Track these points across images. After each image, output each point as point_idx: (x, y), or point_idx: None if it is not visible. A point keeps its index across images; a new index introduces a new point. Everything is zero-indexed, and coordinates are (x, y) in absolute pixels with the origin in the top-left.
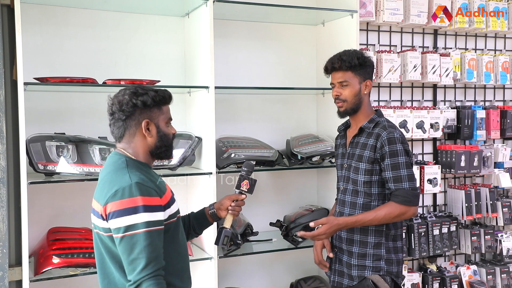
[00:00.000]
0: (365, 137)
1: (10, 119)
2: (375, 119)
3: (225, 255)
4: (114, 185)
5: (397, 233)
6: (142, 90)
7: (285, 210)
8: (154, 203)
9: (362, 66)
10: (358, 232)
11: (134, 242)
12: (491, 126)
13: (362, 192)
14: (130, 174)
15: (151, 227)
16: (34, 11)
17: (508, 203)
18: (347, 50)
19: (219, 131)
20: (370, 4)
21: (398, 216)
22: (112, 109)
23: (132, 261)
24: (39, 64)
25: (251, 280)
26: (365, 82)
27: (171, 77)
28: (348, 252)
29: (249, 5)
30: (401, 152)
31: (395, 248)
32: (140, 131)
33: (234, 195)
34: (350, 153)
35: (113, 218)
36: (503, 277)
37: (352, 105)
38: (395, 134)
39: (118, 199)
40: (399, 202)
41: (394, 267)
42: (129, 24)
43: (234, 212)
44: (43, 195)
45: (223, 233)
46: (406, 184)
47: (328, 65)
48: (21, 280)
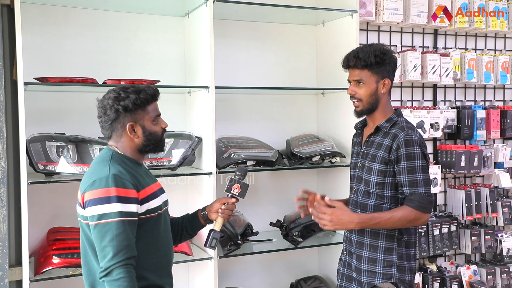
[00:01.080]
0: (381, 136)
1: (10, 119)
2: (393, 118)
3: (225, 255)
4: (93, 175)
5: (410, 239)
6: (124, 94)
7: (285, 210)
8: (128, 195)
9: (380, 64)
10: (368, 235)
11: (106, 230)
12: (491, 126)
13: (374, 193)
14: (110, 166)
15: (123, 217)
16: (34, 11)
17: (508, 203)
18: (366, 46)
19: (219, 131)
20: (370, 4)
21: (412, 222)
22: (99, 113)
23: (103, 248)
24: (39, 64)
25: (251, 280)
26: (383, 80)
27: (171, 77)
28: (357, 256)
29: (249, 5)
30: (418, 155)
31: (408, 255)
32: (126, 132)
33: (224, 198)
34: (364, 152)
35: (88, 206)
36: (503, 277)
37: (368, 105)
38: (413, 136)
39: (95, 188)
40: (414, 207)
41: (407, 276)
42: (129, 24)
43: (224, 215)
44: (43, 195)
45: (211, 235)
46: (422, 189)
47: (345, 62)
48: (21, 280)
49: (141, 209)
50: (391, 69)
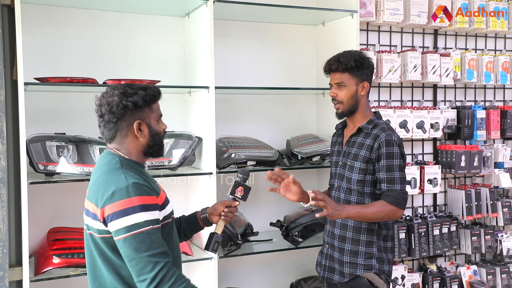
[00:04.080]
0: (363, 137)
1: (11, 119)
2: (374, 120)
3: (225, 255)
4: (111, 187)
5: (388, 233)
6: (131, 90)
7: (285, 210)
8: (152, 202)
9: (359, 68)
10: (351, 230)
11: (139, 241)
12: (491, 126)
13: (355, 190)
14: (125, 174)
15: (152, 225)
16: (34, 11)
17: (508, 203)
18: (346, 52)
19: (219, 131)
20: (370, 4)
21: (387, 215)
22: (102, 111)
23: (140, 260)
24: (39, 64)
25: (251, 280)
26: (362, 83)
27: (171, 77)
28: (339, 249)
29: (249, 5)
30: (397, 155)
31: (386, 247)
32: (132, 132)
33: (227, 201)
34: (346, 151)
35: (112, 220)
36: (503, 277)
37: (348, 107)
38: (393, 136)
39: (116, 200)
40: (390, 202)
41: (385, 266)
42: (129, 24)
43: (227, 218)
44: (43, 195)
45: (213, 239)
46: (398, 186)
47: (326, 66)
48: (21, 280)
49: (160, 215)
50: (369, 73)
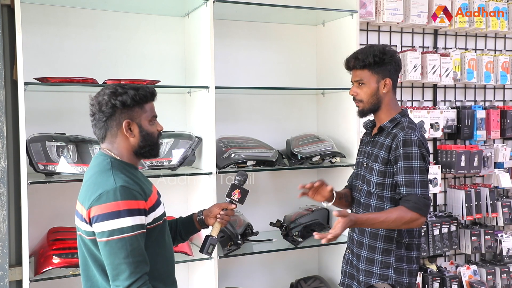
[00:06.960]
0: (384, 136)
1: (10, 119)
2: (397, 118)
3: (225, 255)
4: (99, 188)
5: (412, 242)
6: (121, 90)
7: (285, 210)
8: (138, 206)
9: (380, 64)
10: (368, 235)
11: (119, 246)
12: (491, 126)
13: (375, 194)
14: (115, 176)
15: (135, 231)
16: (34, 11)
17: (508, 203)
18: (367, 47)
19: (219, 131)
20: (370, 4)
21: (407, 223)
22: (93, 110)
23: (117, 266)
24: (39, 64)
25: (251, 280)
26: (384, 80)
27: (171, 77)
28: (357, 255)
29: (249, 5)
30: (416, 156)
31: (409, 257)
32: (122, 131)
33: (224, 203)
34: (369, 152)
35: (97, 222)
36: (503, 277)
37: (369, 105)
38: (412, 136)
39: (102, 202)
40: (409, 208)
41: (405, 278)
42: (129, 24)
43: (222, 221)
44: (43, 195)
45: (208, 241)
46: (418, 190)
47: (346, 64)
48: (21, 280)
49: (149, 219)
50: (393, 69)
